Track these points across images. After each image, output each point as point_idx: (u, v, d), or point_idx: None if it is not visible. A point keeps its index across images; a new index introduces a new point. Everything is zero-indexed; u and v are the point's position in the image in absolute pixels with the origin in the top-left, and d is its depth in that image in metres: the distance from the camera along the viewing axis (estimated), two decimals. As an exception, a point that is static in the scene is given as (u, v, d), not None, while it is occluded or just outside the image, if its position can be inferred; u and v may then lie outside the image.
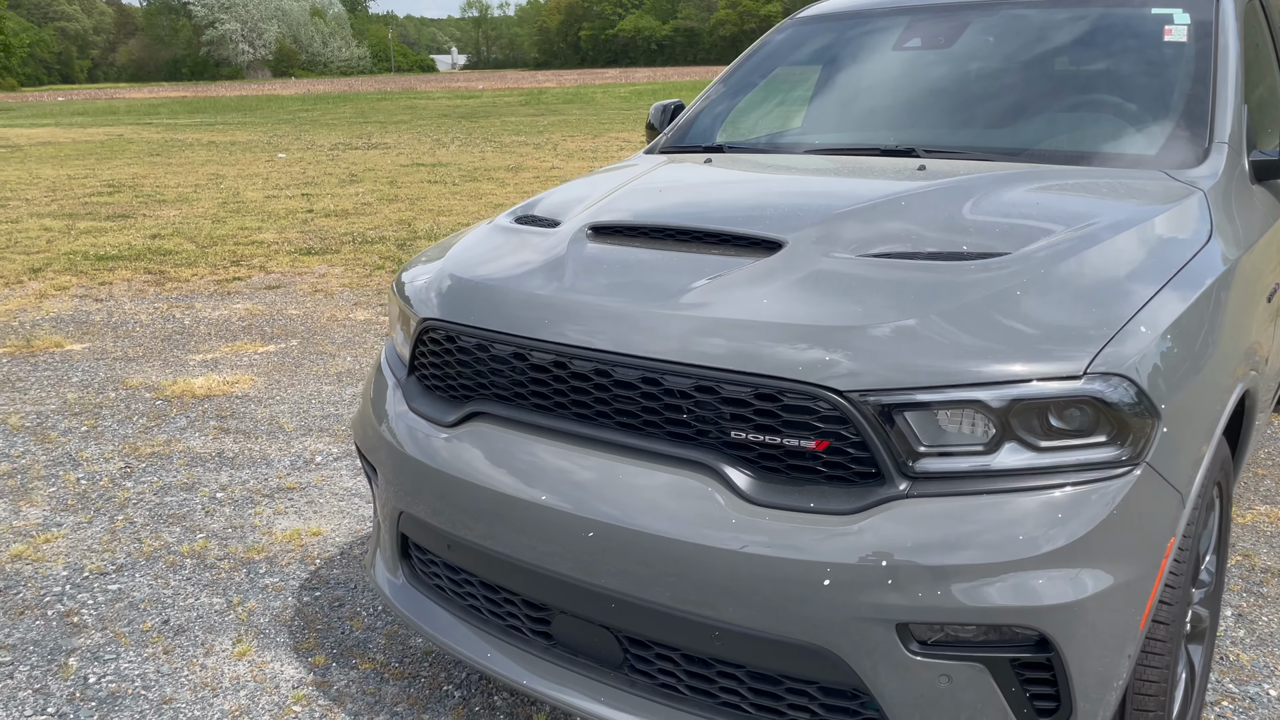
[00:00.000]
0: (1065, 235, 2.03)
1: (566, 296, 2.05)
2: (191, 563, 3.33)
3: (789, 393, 1.76)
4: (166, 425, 4.61)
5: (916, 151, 2.73)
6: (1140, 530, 1.72)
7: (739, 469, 1.82)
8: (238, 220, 10.59)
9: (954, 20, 3.18)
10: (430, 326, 2.25)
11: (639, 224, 2.27)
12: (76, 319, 6.64)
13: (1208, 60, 2.70)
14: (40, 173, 16.02)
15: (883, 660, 1.72)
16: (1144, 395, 1.72)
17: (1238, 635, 2.80)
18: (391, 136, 22.57)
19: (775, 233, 2.08)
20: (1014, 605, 1.65)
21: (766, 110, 3.43)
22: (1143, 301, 1.85)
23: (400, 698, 2.61)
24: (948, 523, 1.68)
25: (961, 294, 1.84)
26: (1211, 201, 2.31)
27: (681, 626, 1.86)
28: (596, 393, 1.96)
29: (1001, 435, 1.72)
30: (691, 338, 1.86)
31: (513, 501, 1.99)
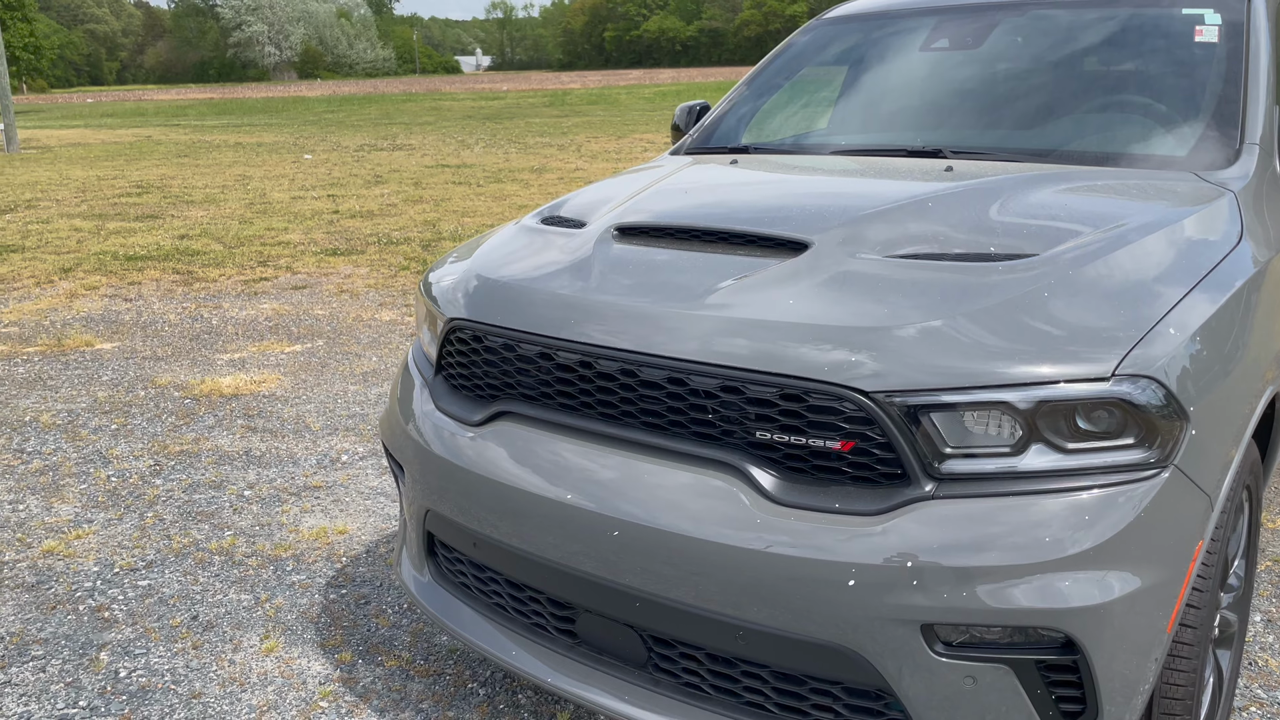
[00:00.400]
0: (1094, 236, 2.02)
1: (592, 297, 2.06)
2: (220, 560, 3.37)
3: (814, 393, 1.76)
4: (195, 424, 4.66)
5: (944, 152, 2.72)
6: (1168, 533, 1.71)
7: (764, 469, 1.82)
8: (264, 221, 10.69)
9: (982, 21, 3.17)
10: (457, 326, 2.27)
11: (665, 225, 2.27)
12: (106, 318, 6.72)
13: (1239, 61, 2.68)
14: (70, 173, 16.23)
15: (907, 661, 1.72)
16: (1172, 397, 1.71)
17: (1267, 641, 2.78)
18: (416, 138, 22.69)
19: (801, 233, 2.08)
20: (1040, 607, 1.64)
21: (792, 111, 3.43)
22: (1172, 303, 1.84)
23: (425, 694, 2.63)
24: (973, 524, 1.68)
25: (988, 295, 1.83)
26: (1242, 203, 2.29)
27: (705, 626, 1.86)
28: (622, 392, 1.97)
29: (1028, 437, 1.71)
30: (717, 338, 1.86)
31: (538, 500, 2.00)
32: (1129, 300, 1.83)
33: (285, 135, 24.65)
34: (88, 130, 28.86)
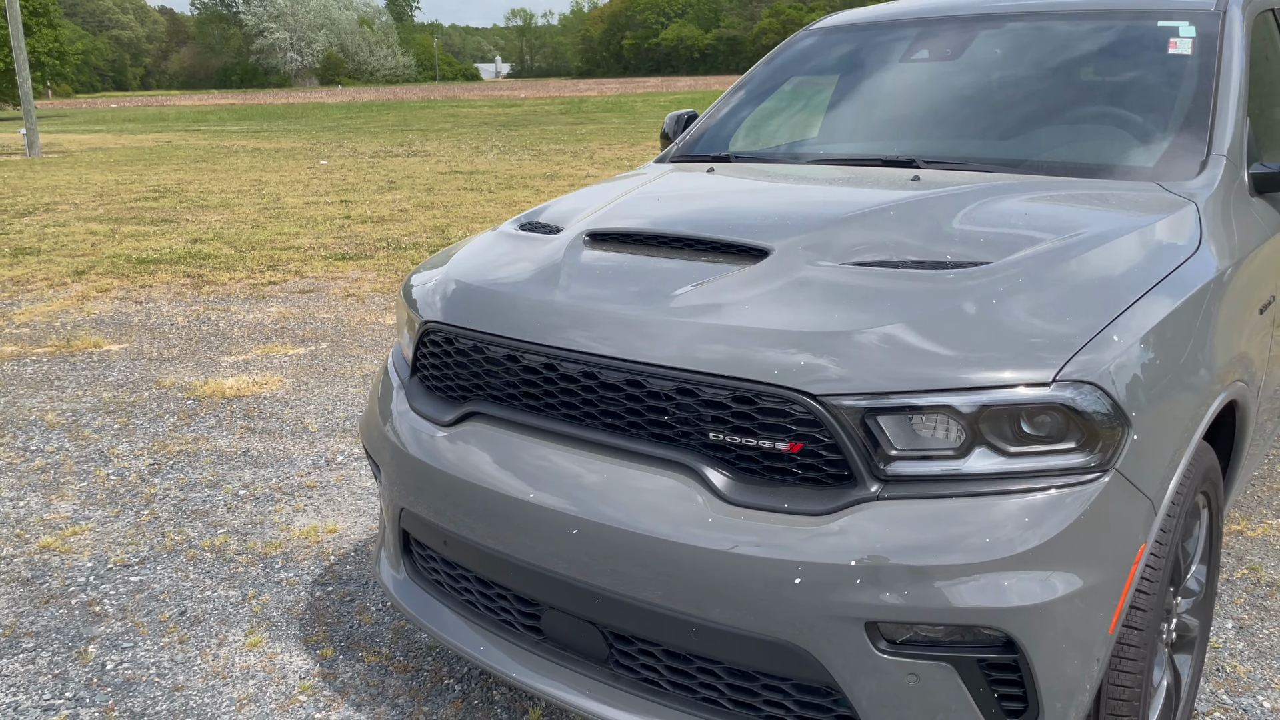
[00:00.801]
0: (1048, 246, 2.06)
1: (557, 300, 2.11)
2: (211, 557, 3.43)
3: (765, 396, 1.81)
4: (196, 424, 4.74)
5: (916, 162, 2.76)
6: (1108, 536, 1.75)
7: (717, 470, 1.87)
8: (277, 226, 10.81)
9: (962, 33, 3.21)
10: (431, 329, 2.33)
11: (634, 231, 2.33)
12: (116, 320, 6.83)
13: (1210, 74, 2.71)
14: (89, 178, 16.44)
15: (852, 658, 1.76)
16: (1114, 403, 1.75)
17: (1237, 648, 2.80)
18: (432, 144, 22.86)
19: (763, 241, 2.13)
20: (979, 606, 1.68)
21: (776, 121, 3.48)
22: (1118, 311, 1.87)
23: (402, 690, 2.68)
24: (916, 525, 1.72)
25: (937, 302, 1.88)
26: (1204, 213, 2.32)
27: (661, 622, 1.91)
28: (584, 394, 2.02)
29: (972, 440, 1.75)
30: (673, 342, 1.91)
31: (502, 498, 2.05)
32: (1075, 308, 1.87)
33: (303, 141, 24.88)
34: (109, 135, 29.20)
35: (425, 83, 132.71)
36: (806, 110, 3.50)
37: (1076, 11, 3.10)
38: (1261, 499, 3.72)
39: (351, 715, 2.58)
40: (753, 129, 3.40)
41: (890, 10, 3.54)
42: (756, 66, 3.70)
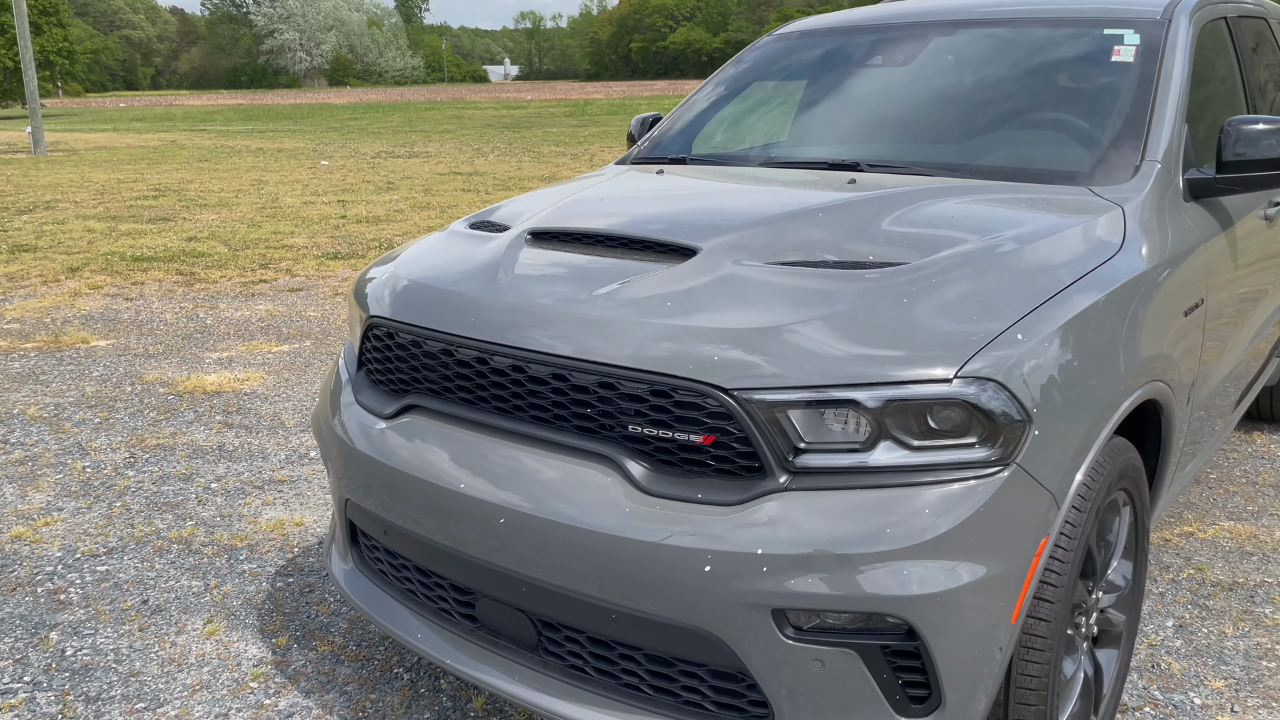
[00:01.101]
0: (967, 248, 2.12)
1: (490, 297, 2.17)
2: (178, 548, 3.50)
3: (680, 390, 1.87)
4: (175, 419, 4.82)
5: (861, 166, 2.82)
6: (1009, 528, 1.80)
7: (636, 461, 1.92)
8: (272, 225, 10.89)
9: (916, 39, 3.27)
10: (374, 324, 2.39)
11: (573, 230, 2.39)
12: (106, 317, 6.91)
13: (1150, 81, 2.76)
14: (92, 176, 16.56)
15: (761, 644, 1.82)
16: (1015, 400, 1.81)
17: (1174, 645, 2.84)
18: (434, 145, 22.95)
19: (692, 240, 2.19)
20: (879, 594, 1.74)
21: (735, 124, 3.53)
22: (1026, 311, 1.93)
23: (352, 678, 2.74)
24: (822, 515, 1.78)
25: (851, 301, 1.93)
26: (1129, 216, 2.37)
27: (583, 610, 1.97)
28: (513, 387, 2.08)
29: (878, 434, 1.81)
30: (595, 337, 1.97)
31: (436, 489, 2.11)
32: (984, 307, 1.92)
33: (306, 141, 25.00)
34: (115, 134, 29.37)
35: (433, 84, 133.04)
36: (766, 114, 3.56)
37: (1028, 19, 3.16)
38: (1216, 501, 3.76)
39: (300, 702, 2.64)
40: (712, 132, 3.46)
41: (853, 16, 3.60)
42: (720, 70, 3.76)
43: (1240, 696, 2.61)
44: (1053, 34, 3.07)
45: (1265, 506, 3.70)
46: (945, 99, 3.05)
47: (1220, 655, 2.79)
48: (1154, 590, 3.13)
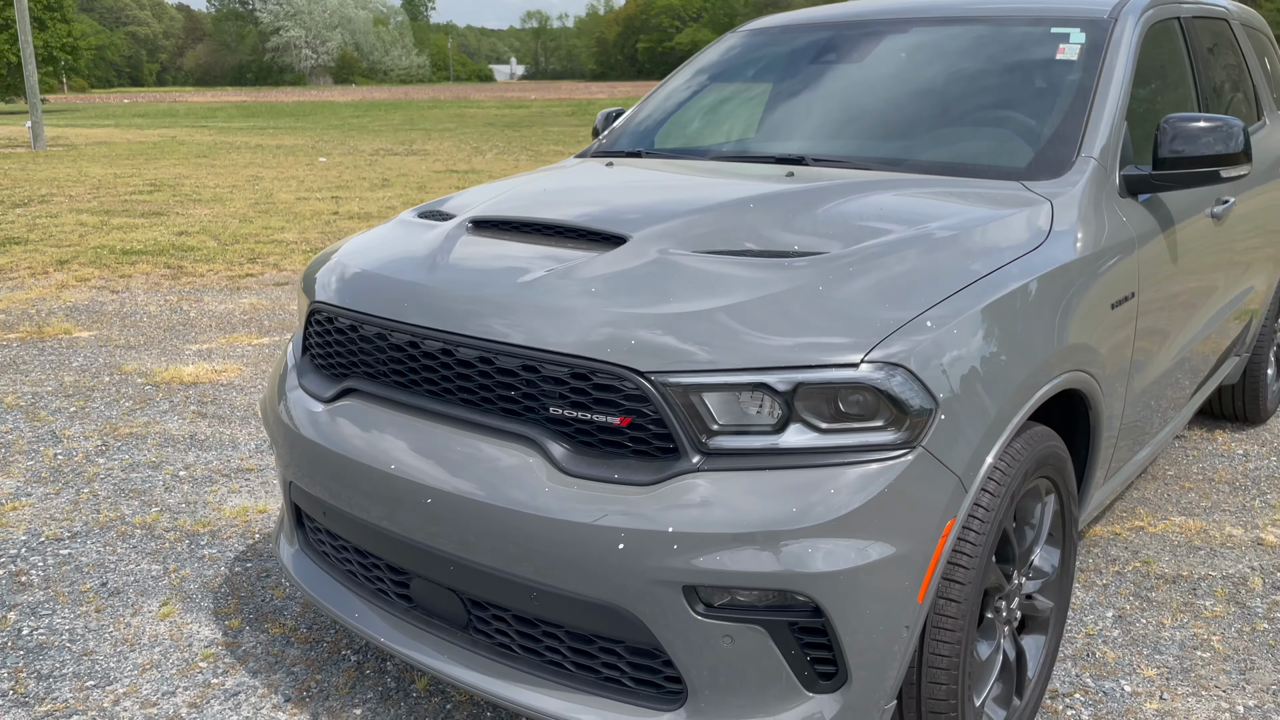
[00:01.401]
0: (890, 238, 2.16)
1: (423, 282, 2.22)
2: (141, 533, 3.55)
3: (598, 373, 1.91)
4: (150, 408, 4.87)
5: (806, 160, 2.86)
6: (913, 510, 1.84)
7: (558, 442, 1.97)
8: (264, 220, 10.95)
9: (870, 37, 3.31)
10: (316, 309, 2.44)
11: (512, 218, 2.44)
12: (90, 308, 6.96)
13: (1092, 79, 2.80)
14: (89, 171, 16.63)
15: (673, 621, 1.86)
16: (921, 385, 1.85)
17: (1112, 635, 2.88)
18: (433, 143, 23.01)
19: (622, 229, 2.23)
20: (784, 572, 1.78)
21: (692, 119, 3.58)
22: (938, 299, 1.97)
23: (300, 659, 2.79)
24: (731, 495, 1.82)
25: (769, 288, 1.98)
26: (1058, 210, 2.41)
27: (507, 588, 2.01)
28: (443, 370, 2.13)
29: (788, 417, 1.85)
30: (519, 321, 2.02)
31: (368, 470, 2.16)
32: (896, 295, 1.97)
33: (306, 138, 25.07)
34: (116, 130, 29.46)
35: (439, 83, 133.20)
36: (721, 110, 3.60)
37: (980, 17, 3.20)
38: (1171, 497, 3.80)
39: (246, 681, 2.69)
40: (667, 127, 3.51)
41: (810, 15, 3.65)
42: (680, 68, 3.81)
43: (1170, 685, 2.65)
44: (1002, 32, 3.11)
45: (1219, 503, 3.74)
46: (893, 95, 3.10)
47: (1156, 645, 2.83)
48: (1098, 582, 3.17)
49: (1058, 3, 3.14)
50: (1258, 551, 3.36)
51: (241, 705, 2.59)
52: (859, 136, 3.01)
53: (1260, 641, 2.85)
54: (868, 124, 3.05)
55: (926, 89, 3.07)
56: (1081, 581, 3.17)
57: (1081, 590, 3.12)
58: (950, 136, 2.90)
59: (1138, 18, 3.04)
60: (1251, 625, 2.93)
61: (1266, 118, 4.13)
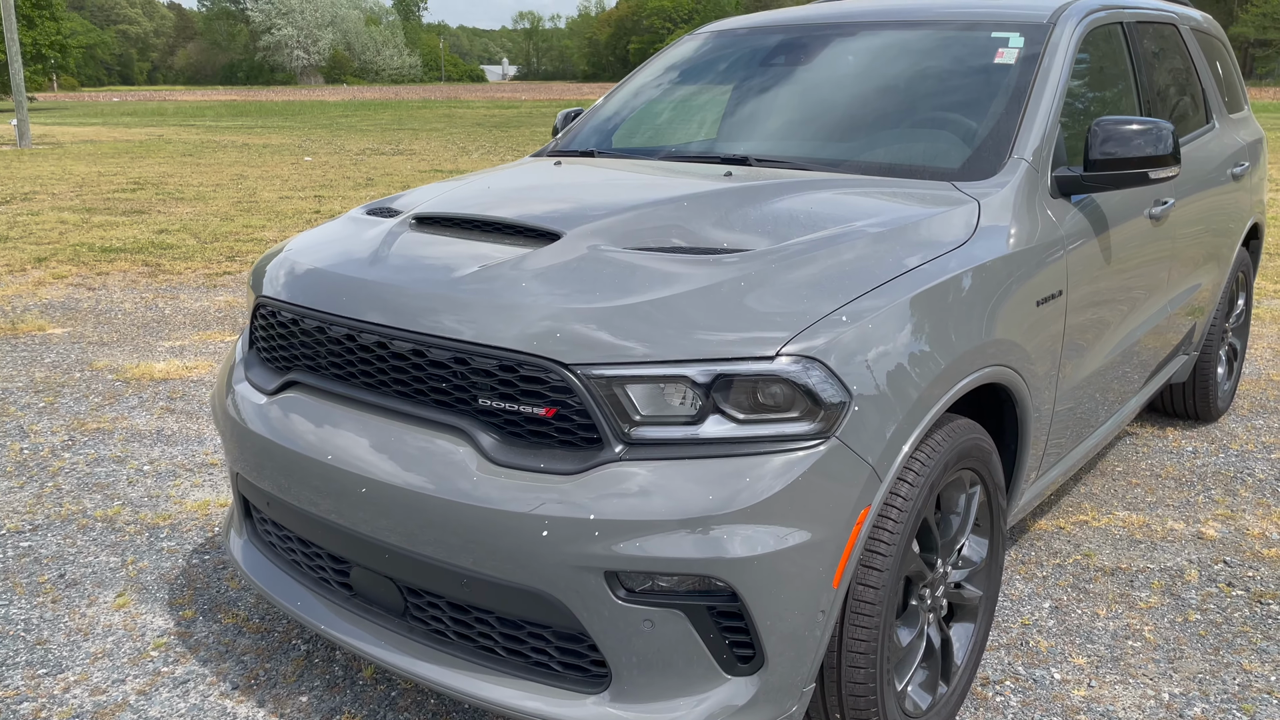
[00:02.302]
0: (815, 236, 2.23)
1: (361, 276, 2.28)
2: (101, 526, 3.59)
3: (525, 365, 1.97)
4: (119, 404, 4.91)
5: (750, 160, 2.93)
6: (827, 498, 1.91)
7: (487, 433, 2.03)
8: (245, 218, 10.98)
9: (820, 40, 3.38)
10: (261, 303, 2.50)
11: (453, 215, 2.50)
12: (66, 305, 6.99)
13: (1027, 82, 2.87)
14: (74, 169, 16.62)
15: (596, 606, 1.92)
16: (835, 377, 1.91)
17: (1047, 625, 2.95)
18: (420, 143, 23.03)
19: (556, 226, 2.29)
20: (699, 557, 1.84)
21: (645, 119, 3.64)
22: (856, 294, 2.03)
23: (250, 649, 2.84)
24: (650, 483, 1.88)
25: (692, 283, 2.04)
26: (984, 210, 2.48)
27: (440, 575, 2.07)
28: (378, 363, 2.18)
29: (708, 408, 1.91)
30: (451, 314, 2.08)
31: (307, 460, 2.21)
32: (816, 291, 2.03)
33: (293, 138, 25.06)
34: (103, 128, 29.40)
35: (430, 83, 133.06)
36: (675, 110, 3.67)
37: (924, 21, 3.27)
38: (1117, 492, 3.87)
39: (196, 670, 2.74)
40: (624, 127, 3.57)
41: (764, 18, 3.71)
42: (640, 67, 3.87)
43: (1100, 673, 2.72)
44: (946, 36, 3.18)
45: (1163, 498, 3.82)
46: (837, 98, 3.16)
47: (1089, 635, 2.90)
48: (1038, 574, 3.24)
49: (1000, 7, 3.21)
50: (1197, 545, 3.44)
51: (190, 693, 2.64)
52: (803, 138, 3.08)
53: (1191, 632, 2.92)
54: (812, 126, 3.11)
55: (870, 91, 3.13)
56: (1022, 574, 3.24)
57: (1021, 582, 3.19)
58: (890, 138, 2.96)
59: (1077, 22, 3.11)
60: (1184, 616, 3.00)
61: (1216, 121, 4.21)
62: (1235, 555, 3.37)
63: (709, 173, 2.77)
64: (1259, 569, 3.28)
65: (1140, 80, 3.48)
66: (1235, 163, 4.21)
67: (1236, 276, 4.47)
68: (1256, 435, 4.45)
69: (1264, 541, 3.46)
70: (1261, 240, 4.86)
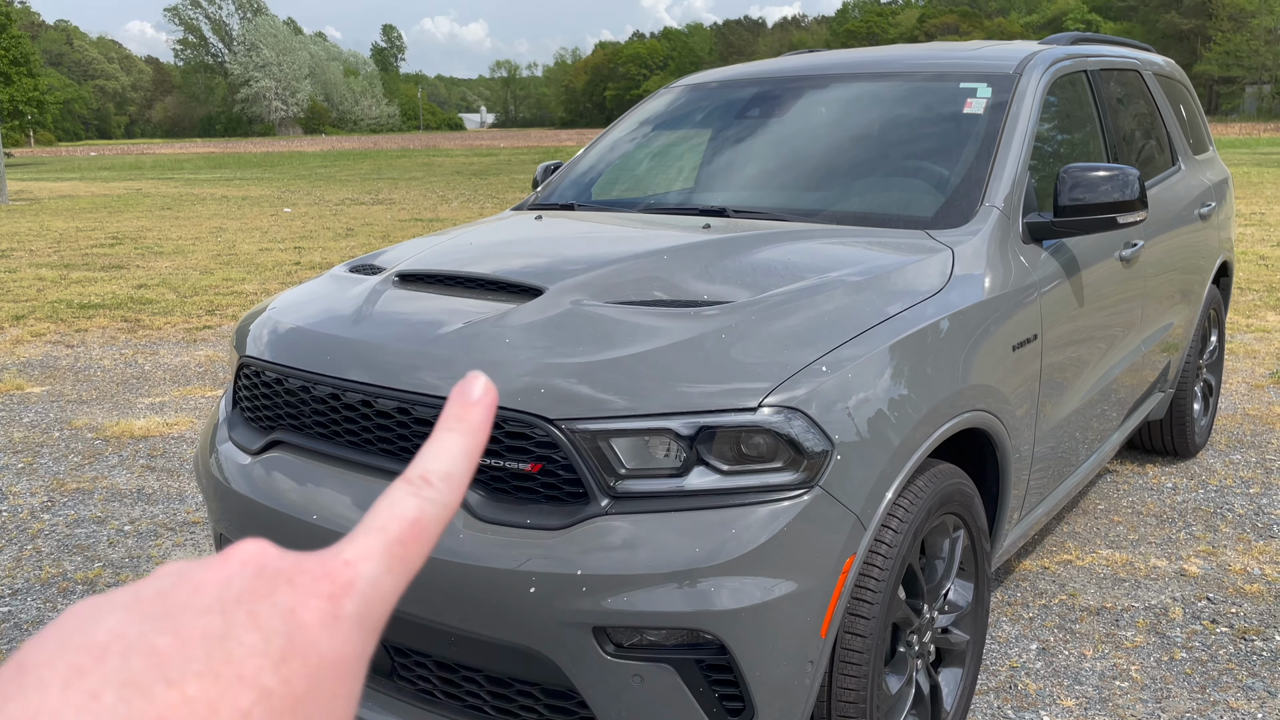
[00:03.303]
0: (794, 286, 2.26)
1: (345, 335, 2.29)
2: (82, 589, 3.56)
3: (510, 421, 1.99)
4: (99, 463, 4.87)
5: (727, 211, 2.97)
6: (813, 547, 1.92)
7: (473, 489, 2.04)
8: (225, 271, 10.98)
9: (793, 92, 3.45)
10: (245, 363, 2.51)
11: (437, 272, 2.52)
12: (45, 364, 6.95)
13: (996, 131, 2.93)
14: (51, 225, 16.59)
15: (584, 661, 1.92)
16: (817, 427, 1.93)
17: (1034, 667, 2.96)
18: (400, 192, 23.13)
19: (539, 281, 2.32)
20: (686, 610, 1.85)
21: (622, 172, 3.69)
22: (835, 344, 2.06)
23: (236, 710, 2.80)
24: (637, 537, 1.89)
25: (675, 336, 2.07)
26: (958, 257, 2.53)
27: (426, 633, 2.07)
28: (363, 421, 2.19)
29: (692, 460, 1.93)
30: (436, 372, 2.09)
31: (292, 521, 2.21)
32: (796, 341, 2.06)
33: (272, 189, 25.12)
34: (81, 183, 29.39)
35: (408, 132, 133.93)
36: (652, 162, 3.72)
37: (895, 73, 3.34)
38: (1100, 530, 3.90)
39: (180, 733, 2.70)
40: (603, 180, 3.62)
41: (738, 71, 3.79)
42: (617, 121, 3.93)
43: (1088, 714, 2.72)
44: (916, 88, 3.25)
45: (1145, 535, 3.85)
46: (811, 149, 3.22)
47: (1076, 676, 2.91)
48: (1024, 615, 3.25)
49: (968, 58, 3.29)
50: (1180, 582, 3.46)
51: (174, 758, 2.60)
52: (778, 188, 3.13)
53: (1177, 670, 2.93)
54: (787, 176, 3.17)
55: (843, 142, 3.20)
56: (1008, 615, 3.25)
57: (1008, 623, 3.20)
58: (864, 188, 3.02)
59: (1043, 71, 3.19)
60: (1170, 654, 3.01)
61: (1181, 163, 4.30)
62: (1218, 592, 3.39)
63: (688, 225, 2.81)
64: (1242, 605, 3.30)
65: (1106, 126, 3.56)
66: (1202, 203, 4.30)
67: (1208, 314, 4.54)
68: (1234, 470, 4.50)
69: (1246, 577, 3.49)
70: (1231, 277, 4.95)
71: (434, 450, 0.41)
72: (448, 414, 0.42)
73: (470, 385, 0.42)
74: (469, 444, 0.42)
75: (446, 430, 0.42)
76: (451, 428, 0.42)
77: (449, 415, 0.42)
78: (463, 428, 0.42)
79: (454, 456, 0.41)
